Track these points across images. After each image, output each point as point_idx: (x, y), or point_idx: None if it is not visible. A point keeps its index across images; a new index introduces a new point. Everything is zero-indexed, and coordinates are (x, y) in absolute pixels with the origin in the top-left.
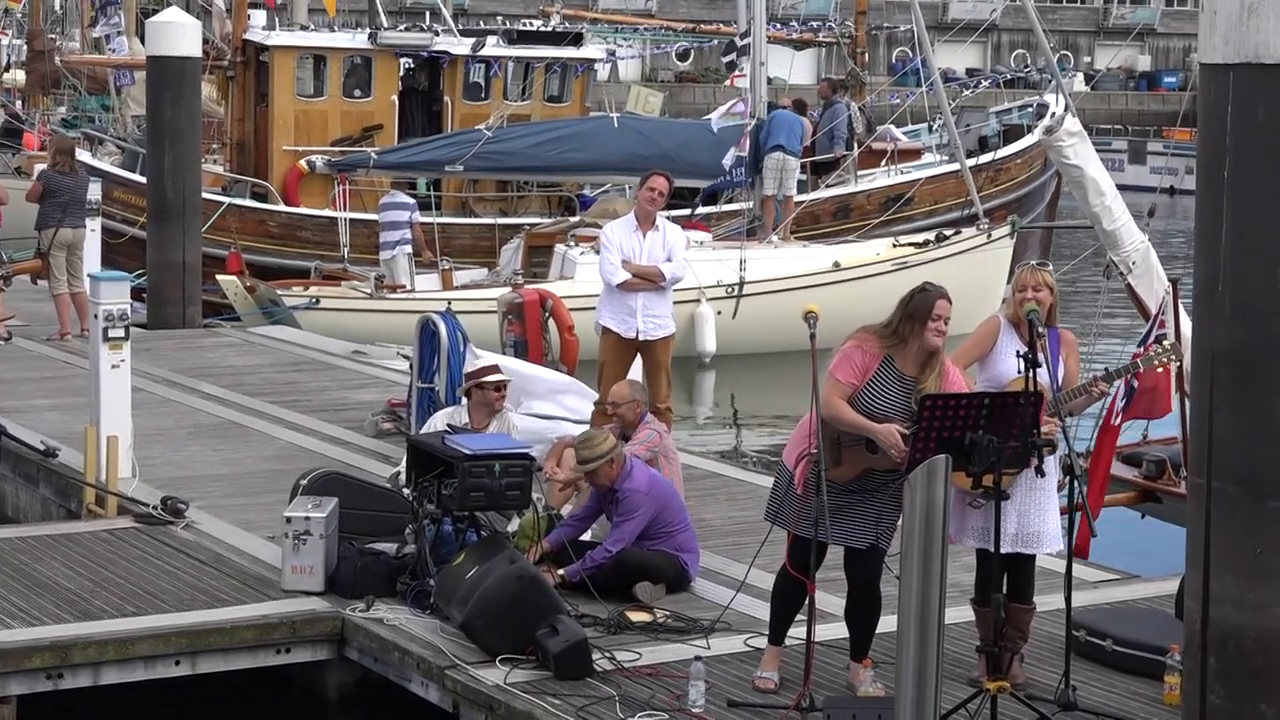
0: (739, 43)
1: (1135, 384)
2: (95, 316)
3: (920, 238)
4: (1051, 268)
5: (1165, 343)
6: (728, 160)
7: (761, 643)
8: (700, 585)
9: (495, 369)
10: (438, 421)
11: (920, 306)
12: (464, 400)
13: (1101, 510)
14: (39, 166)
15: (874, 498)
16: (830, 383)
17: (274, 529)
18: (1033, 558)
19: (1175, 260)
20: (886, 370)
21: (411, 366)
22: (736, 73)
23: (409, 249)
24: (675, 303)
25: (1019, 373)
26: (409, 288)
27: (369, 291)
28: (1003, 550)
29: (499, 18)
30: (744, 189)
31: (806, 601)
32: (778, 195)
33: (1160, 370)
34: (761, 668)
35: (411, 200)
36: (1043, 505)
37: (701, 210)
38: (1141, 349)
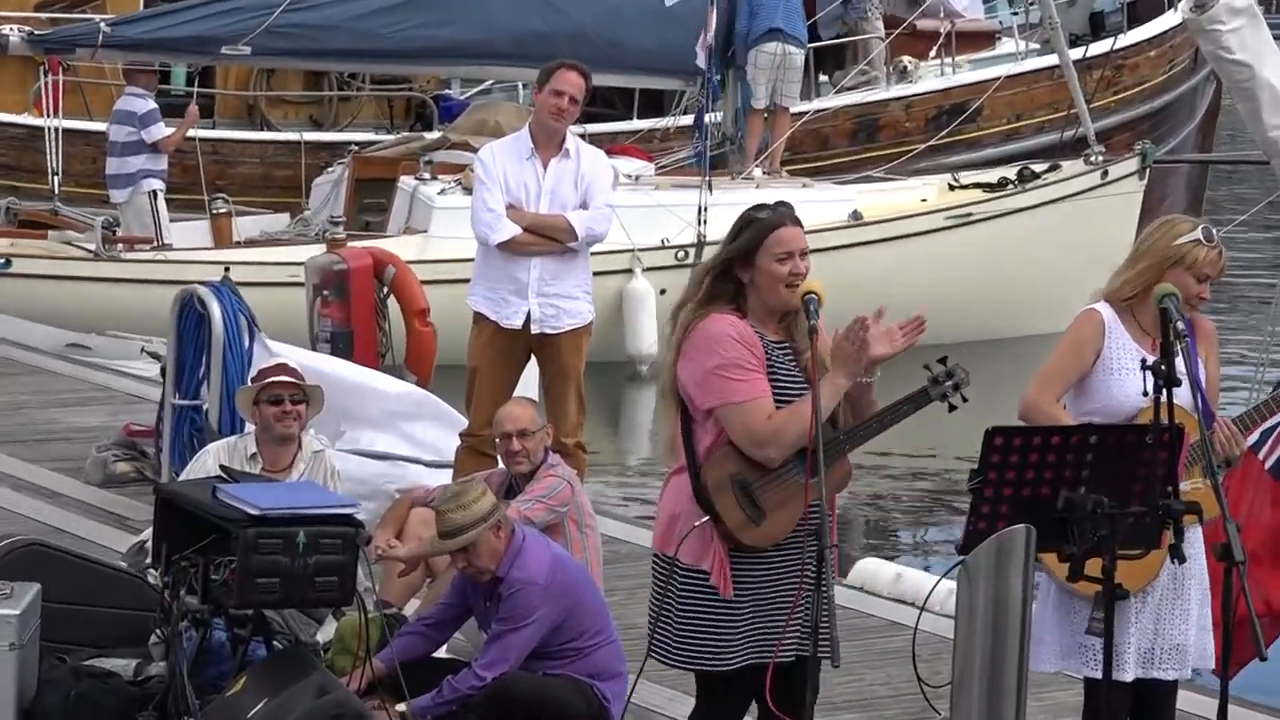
0: None
1: None
2: None
3: (994, 175)
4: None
5: None
6: (702, 59)
7: None
8: None
9: (283, 368)
10: (209, 461)
11: (751, 241)
12: (249, 427)
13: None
14: None
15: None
16: (743, 410)
17: None
18: (1174, 687)
19: None
20: (767, 344)
21: (163, 371)
22: None
23: (160, 184)
24: (594, 274)
25: (1147, 395)
26: (159, 242)
27: (94, 248)
28: (1125, 677)
29: None
30: (707, 93)
31: None
32: (769, 105)
33: None
34: None
35: (148, 102)
36: (1188, 606)
37: (638, 125)
38: None
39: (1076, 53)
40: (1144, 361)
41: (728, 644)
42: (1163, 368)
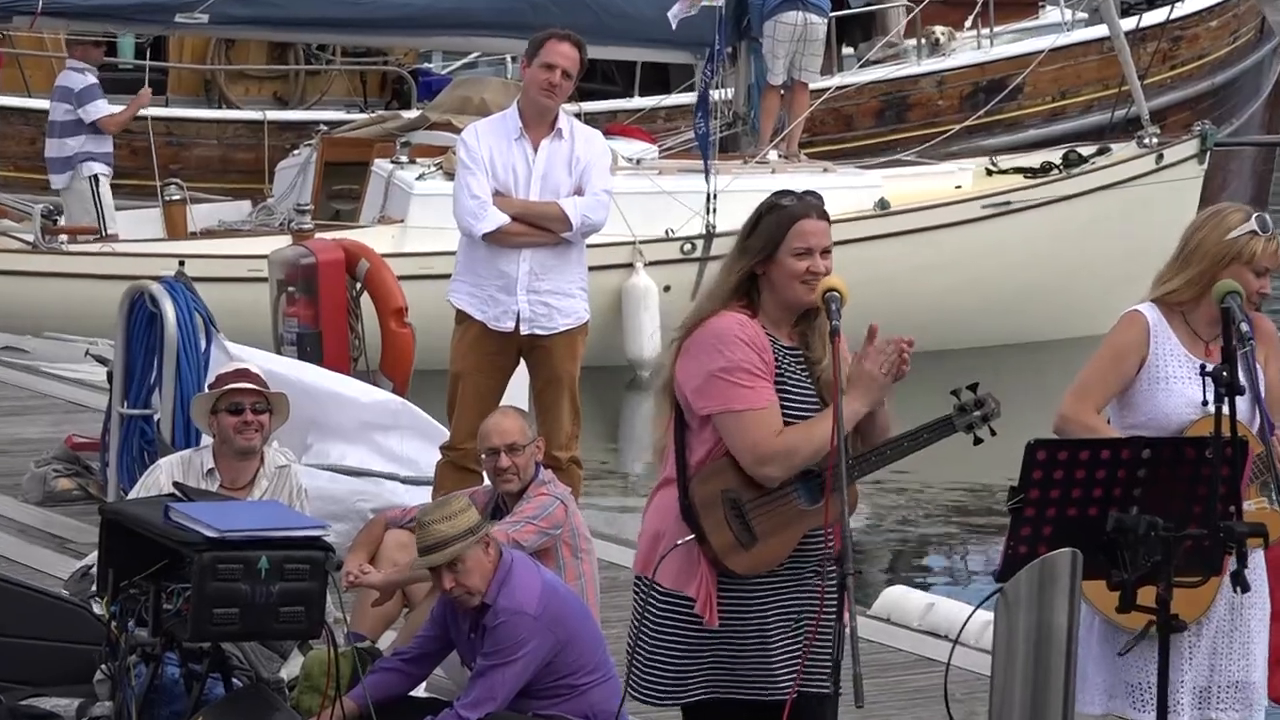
0: None
1: None
2: None
3: (1036, 159)
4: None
5: None
6: (675, 11)
7: None
8: None
9: (244, 374)
10: (161, 477)
11: (773, 232)
12: (206, 439)
13: None
14: None
15: (810, 588)
16: (744, 420)
17: None
18: None
19: None
20: (778, 350)
21: (110, 376)
22: None
23: (106, 168)
24: (590, 269)
25: (1207, 404)
26: (105, 234)
27: (33, 239)
28: (1180, 718)
29: None
30: (718, 66)
31: None
32: (786, 81)
33: None
34: None
35: (86, 77)
36: (1249, 638)
37: (640, 102)
38: None
39: (1129, 23)
40: (1203, 367)
41: (687, 674)
42: (1224, 374)
